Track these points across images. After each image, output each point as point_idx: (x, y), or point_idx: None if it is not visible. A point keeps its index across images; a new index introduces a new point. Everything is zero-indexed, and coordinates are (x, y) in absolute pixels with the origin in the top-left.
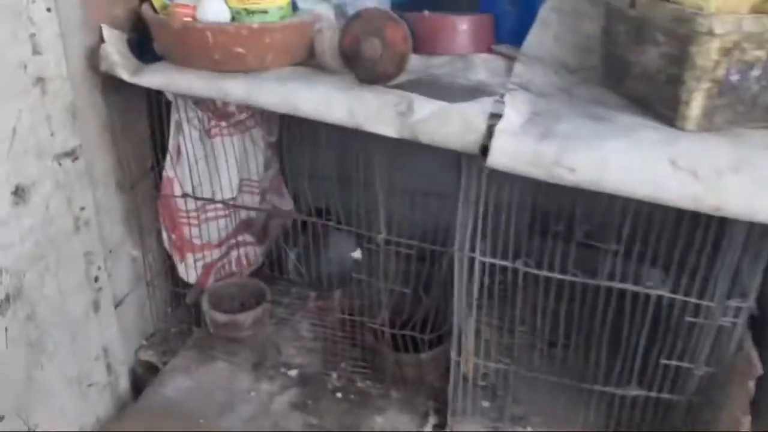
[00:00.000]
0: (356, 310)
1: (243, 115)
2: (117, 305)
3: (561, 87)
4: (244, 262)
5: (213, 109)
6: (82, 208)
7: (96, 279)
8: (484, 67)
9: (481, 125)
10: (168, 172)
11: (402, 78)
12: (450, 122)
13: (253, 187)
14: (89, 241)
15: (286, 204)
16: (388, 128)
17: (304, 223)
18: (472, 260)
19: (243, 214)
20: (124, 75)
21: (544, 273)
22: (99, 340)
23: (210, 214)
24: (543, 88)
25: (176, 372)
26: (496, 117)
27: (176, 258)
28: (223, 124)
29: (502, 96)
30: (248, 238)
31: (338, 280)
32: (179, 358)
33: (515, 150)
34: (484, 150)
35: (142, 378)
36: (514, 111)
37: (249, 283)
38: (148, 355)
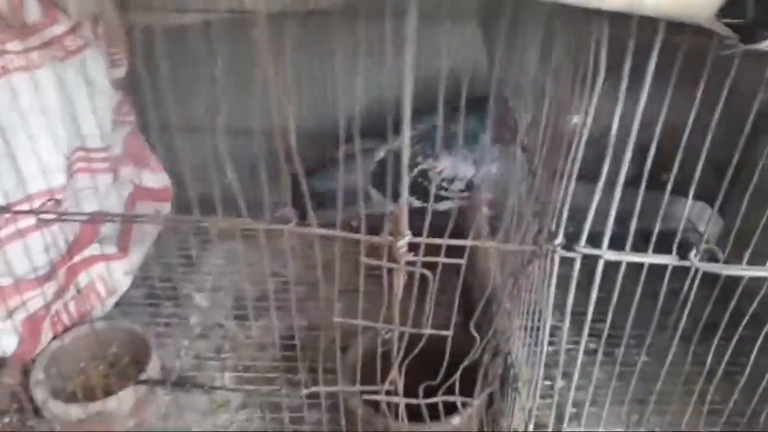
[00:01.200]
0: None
1: (60, 27)
2: None
3: None
4: (102, 291)
5: None
6: None
7: None
8: None
9: None
10: None
11: None
12: None
13: (95, 160)
14: None
15: (157, 180)
16: None
17: None
18: (589, 261)
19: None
20: None
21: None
22: None
23: (21, 226)
24: None
25: None
26: None
27: None
28: (16, 46)
29: None
30: (104, 248)
31: None
32: None
33: None
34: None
35: None
36: None
37: (117, 331)
38: None
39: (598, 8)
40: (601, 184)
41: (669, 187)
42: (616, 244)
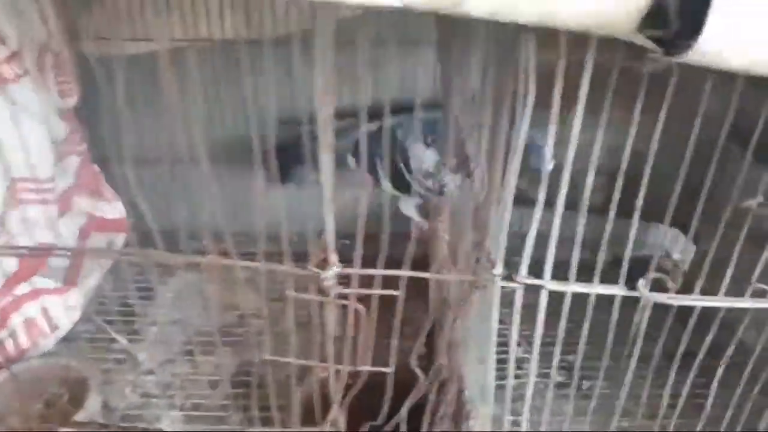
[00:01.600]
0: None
1: None
2: None
3: None
4: (45, 326)
5: None
6: None
7: None
8: None
9: None
10: None
11: None
12: None
13: (39, 191)
14: None
15: (113, 210)
16: None
17: None
18: (532, 291)
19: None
20: None
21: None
22: None
23: None
24: None
25: None
26: None
27: None
28: None
29: None
30: (49, 281)
31: None
32: None
33: None
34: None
35: None
36: None
37: (54, 368)
38: None
39: (513, 22)
40: (538, 208)
41: (613, 212)
42: (586, 272)
